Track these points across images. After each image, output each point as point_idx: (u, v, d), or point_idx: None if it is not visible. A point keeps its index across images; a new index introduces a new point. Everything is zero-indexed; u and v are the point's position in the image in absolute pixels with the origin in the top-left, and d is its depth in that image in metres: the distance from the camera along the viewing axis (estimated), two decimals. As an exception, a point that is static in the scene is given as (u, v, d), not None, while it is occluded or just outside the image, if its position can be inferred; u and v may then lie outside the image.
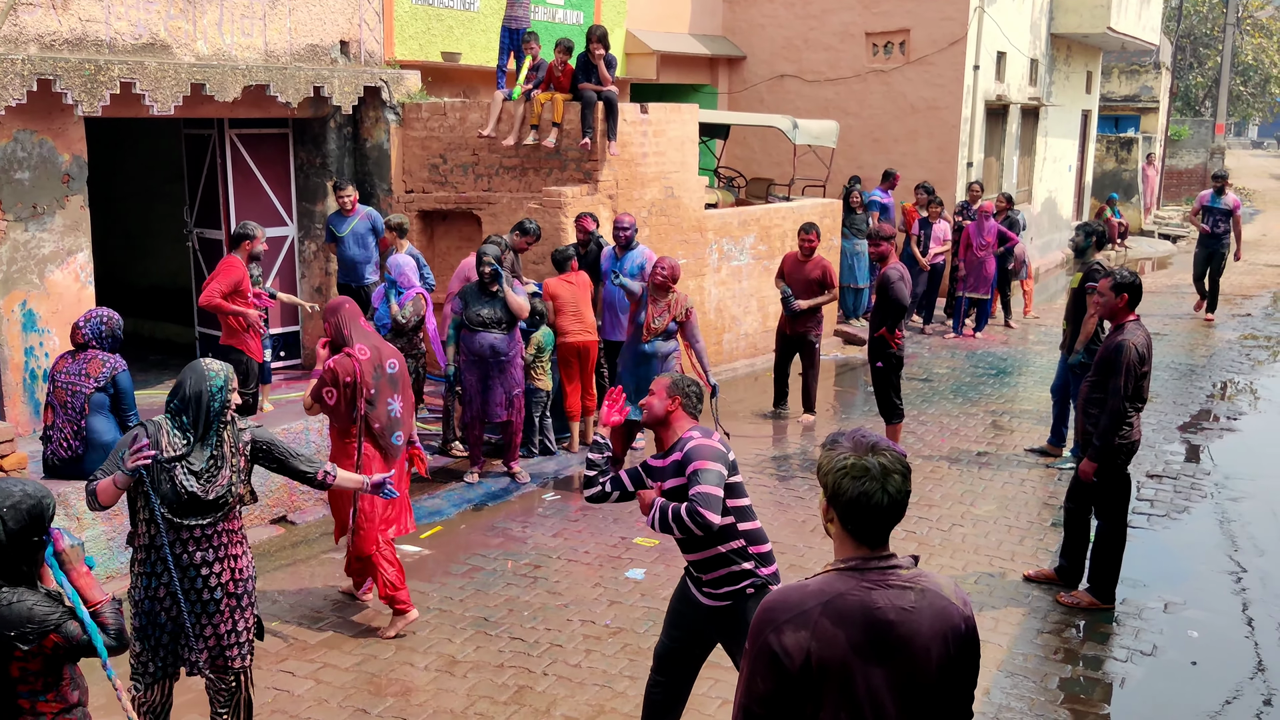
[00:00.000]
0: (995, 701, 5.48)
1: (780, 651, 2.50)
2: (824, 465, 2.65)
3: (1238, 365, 13.25)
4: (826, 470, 2.64)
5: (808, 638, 2.50)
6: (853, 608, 2.52)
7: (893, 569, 2.59)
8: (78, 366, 6.46)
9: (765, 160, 17.43)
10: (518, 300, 8.20)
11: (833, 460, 2.63)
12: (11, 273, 8.06)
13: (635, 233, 9.33)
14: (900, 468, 2.60)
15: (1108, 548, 6.53)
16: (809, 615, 2.52)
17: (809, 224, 10.16)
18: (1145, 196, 27.83)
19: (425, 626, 6.21)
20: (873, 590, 2.55)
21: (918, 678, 2.53)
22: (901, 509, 2.60)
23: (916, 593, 2.57)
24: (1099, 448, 6.31)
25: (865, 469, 2.56)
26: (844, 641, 2.50)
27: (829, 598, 2.54)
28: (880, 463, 2.58)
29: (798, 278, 10.11)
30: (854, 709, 2.51)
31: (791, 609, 2.54)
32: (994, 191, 17.37)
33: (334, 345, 6.08)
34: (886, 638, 2.52)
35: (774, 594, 2.63)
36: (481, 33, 12.48)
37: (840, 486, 2.59)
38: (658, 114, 11.01)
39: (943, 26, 16.47)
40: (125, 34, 8.63)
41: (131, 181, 12.88)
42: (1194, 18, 39.72)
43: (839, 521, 2.62)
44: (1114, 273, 6.48)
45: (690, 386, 4.63)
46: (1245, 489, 8.78)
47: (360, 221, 9.99)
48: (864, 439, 2.64)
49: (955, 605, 2.60)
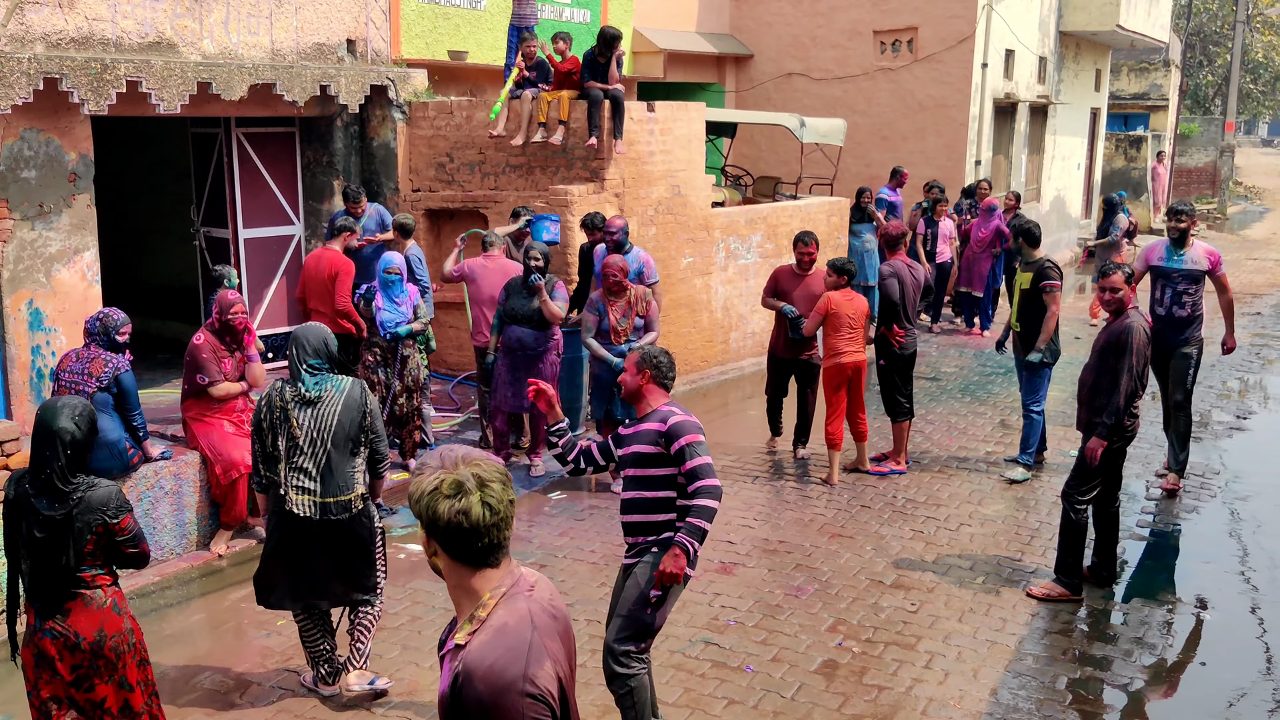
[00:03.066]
0: (1003, 701, 5.46)
1: (543, 695, 2.35)
2: (413, 494, 2.37)
3: (1247, 364, 13.18)
4: (417, 497, 2.35)
5: (553, 665, 2.39)
6: (542, 619, 2.43)
7: (520, 576, 2.48)
8: (81, 365, 6.46)
9: (773, 159, 17.39)
10: (553, 308, 8.20)
11: (421, 484, 2.35)
12: (18, 271, 8.07)
13: (626, 235, 8.92)
14: (498, 476, 2.36)
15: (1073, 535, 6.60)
16: (538, 646, 2.37)
17: (807, 234, 8.92)
18: (1155, 195, 27.72)
19: (430, 626, 6.20)
20: (532, 597, 2.45)
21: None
22: (508, 520, 2.36)
23: (540, 581, 2.53)
24: (1110, 425, 6.40)
25: (458, 484, 2.32)
26: (562, 654, 2.48)
27: (537, 622, 2.40)
28: (473, 473, 2.34)
29: (800, 294, 8.79)
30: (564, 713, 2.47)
31: (522, 654, 2.34)
32: (1002, 189, 17.30)
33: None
34: (566, 638, 2.54)
35: (484, 655, 2.34)
36: (488, 31, 12.46)
37: (435, 509, 2.33)
38: (665, 112, 10.98)
39: (951, 24, 16.42)
40: (131, 33, 8.63)
41: (138, 180, 12.89)
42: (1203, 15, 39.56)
43: (443, 553, 2.39)
44: (1123, 266, 6.58)
45: (659, 358, 4.75)
46: (1254, 488, 8.73)
47: (370, 219, 10.00)
48: (451, 453, 2.39)
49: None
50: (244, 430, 7.19)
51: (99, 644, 4.22)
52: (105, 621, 4.24)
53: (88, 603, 4.22)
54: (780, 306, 8.82)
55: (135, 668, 4.36)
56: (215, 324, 7.13)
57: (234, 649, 6.02)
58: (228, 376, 7.16)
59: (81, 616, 4.21)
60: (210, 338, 7.11)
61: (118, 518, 4.22)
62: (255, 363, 7.35)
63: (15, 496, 4.23)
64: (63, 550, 4.16)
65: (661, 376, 4.75)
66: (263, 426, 5.16)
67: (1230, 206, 32.33)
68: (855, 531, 7.64)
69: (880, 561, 7.12)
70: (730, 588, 6.72)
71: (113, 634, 4.25)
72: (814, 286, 8.76)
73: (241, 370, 7.27)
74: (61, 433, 4.15)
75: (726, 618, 6.31)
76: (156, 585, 6.77)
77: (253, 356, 7.34)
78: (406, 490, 8.29)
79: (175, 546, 7.11)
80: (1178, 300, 8.32)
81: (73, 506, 4.15)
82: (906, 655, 5.92)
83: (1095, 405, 6.50)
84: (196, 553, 7.19)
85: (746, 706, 5.38)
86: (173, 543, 7.09)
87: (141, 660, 4.41)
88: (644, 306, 8.15)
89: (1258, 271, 21.07)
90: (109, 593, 4.29)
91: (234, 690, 5.55)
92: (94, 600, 4.23)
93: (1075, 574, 6.62)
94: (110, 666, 4.26)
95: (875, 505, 8.16)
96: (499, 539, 2.39)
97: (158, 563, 7.00)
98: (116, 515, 4.22)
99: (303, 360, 5.11)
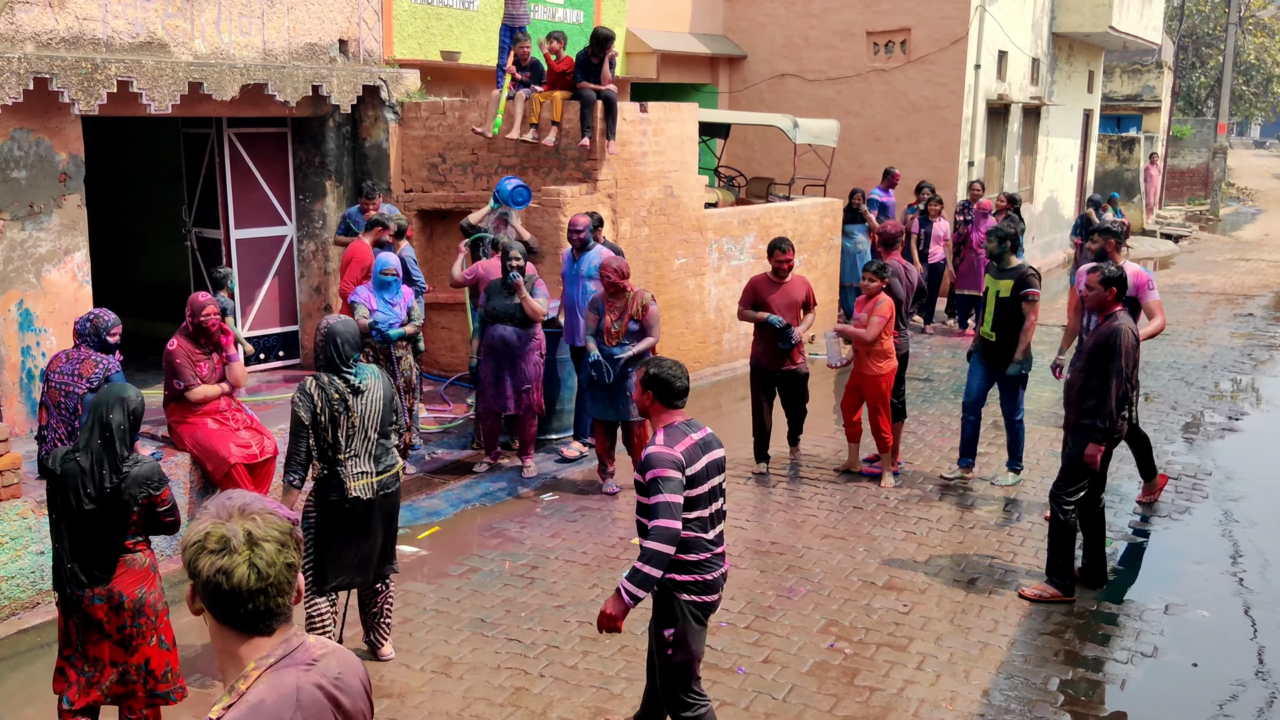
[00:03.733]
0: (995, 703, 5.45)
1: None
2: (182, 542, 2.15)
3: (1239, 365, 13.20)
4: (185, 545, 2.13)
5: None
6: (313, 698, 2.17)
7: (300, 645, 2.20)
8: (71, 367, 6.43)
9: (766, 159, 17.40)
10: (534, 304, 8.19)
11: (190, 534, 2.13)
12: (8, 272, 8.03)
13: (590, 234, 8.83)
14: (275, 536, 2.11)
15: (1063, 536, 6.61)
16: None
17: (782, 240, 8.44)
18: (1147, 196, 27.79)
19: (422, 628, 6.18)
20: (310, 671, 2.18)
21: None
22: (281, 586, 2.12)
23: (331, 654, 2.25)
24: (1104, 429, 6.39)
25: (225, 540, 2.08)
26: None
27: (303, 700, 2.14)
28: (246, 529, 2.09)
29: (780, 302, 8.38)
30: None
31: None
32: (995, 191, 17.32)
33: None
34: (342, 711, 2.24)
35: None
36: (480, 32, 12.45)
37: (197, 564, 2.10)
38: (657, 113, 10.98)
39: (944, 25, 16.44)
40: (122, 32, 8.60)
41: (129, 181, 12.85)
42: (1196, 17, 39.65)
43: (208, 610, 2.16)
44: (1102, 267, 6.58)
45: (662, 375, 4.52)
46: (1247, 489, 8.74)
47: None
48: (229, 502, 2.15)
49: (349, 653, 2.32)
50: (228, 426, 7.19)
51: (140, 601, 4.70)
52: (144, 580, 4.73)
53: (129, 564, 4.69)
54: (764, 318, 8.38)
55: (168, 624, 4.84)
56: (189, 327, 7.10)
57: (224, 651, 5.99)
58: (205, 379, 7.13)
59: (125, 578, 4.67)
60: (184, 342, 7.08)
61: (159, 489, 4.67)
62: (235, 363, 7.32)
63: (63, 471, 4.58)
64: (113, 520, 4.60)
65: (666, 395, 4.53)
66: (320, 422, 5.38)
67: (1223, 208, 32.41)
68: (847, 533, 7.64)
69: (872, 563, 7.12)
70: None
71: (151, 590, 4.75)
72: (794, 293, 8.40)
73: (221, 372, 7.24)
74: (128, 401, 4.67)
75: (718, 619, 6.29)
76: (147, 587, 6.74)
77: (232, 357, 7.31)
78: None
79: (166, 547, 7.07)
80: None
81: (121, 480, 4.56)
82: (898, 656, 5.91)
83: (1083, 407, 6.51)
84: (187, 554, 7.16)
85: (738, 708, 5.37)
86: (164, 543, 7.05)
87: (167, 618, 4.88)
88: (640, 311, 8.05)
89: (1250, 273, 21.12)
90: (147, 555, 4.78)
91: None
92: (135, 562, 4.71)
93: (1066, 575, 6.63)
94: (150, 625, 4.74)
95: (868, 506, 8.15)
96: (269, 606, 2.13)
97: (148, 564, 6.99)
98: (159, 488, 4.67)
99: (346, 353, 5.44)
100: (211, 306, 7.09)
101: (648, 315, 8.07)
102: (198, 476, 7.20)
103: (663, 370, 4.55)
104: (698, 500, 4.42)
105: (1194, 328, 15.37)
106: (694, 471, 4.39)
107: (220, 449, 7.07)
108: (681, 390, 4.56)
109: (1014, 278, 8.17)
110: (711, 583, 4.54)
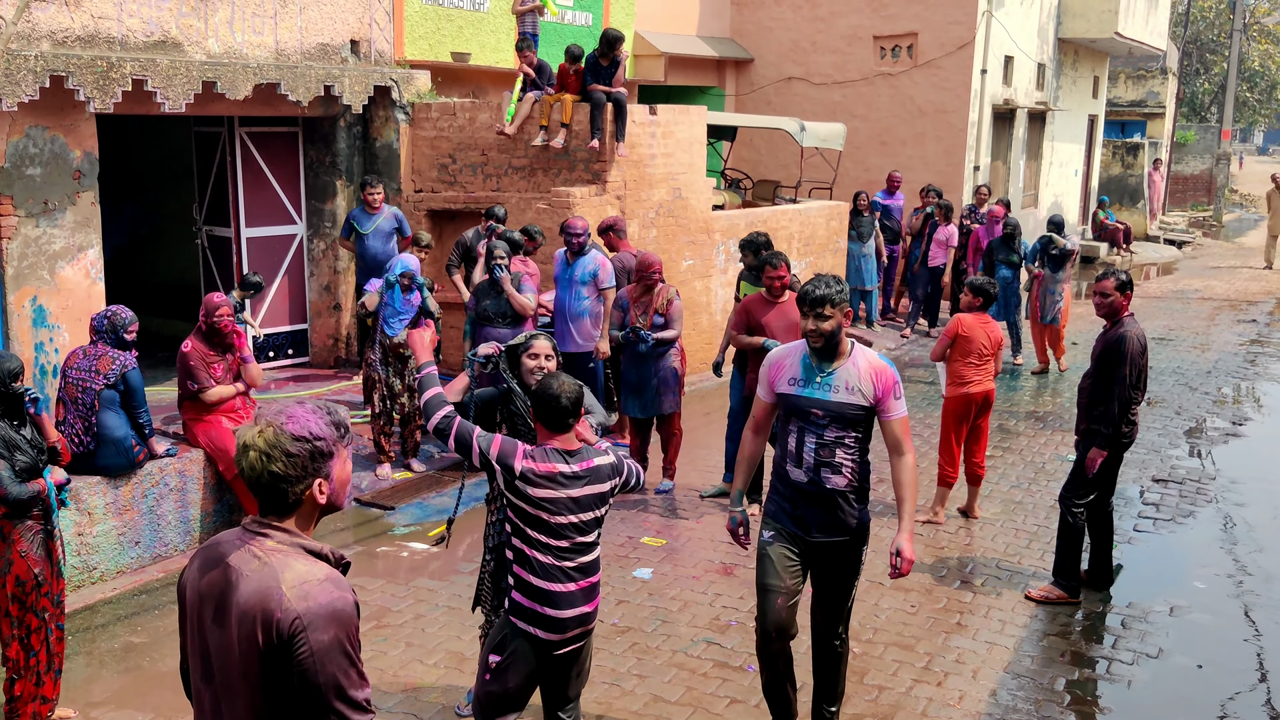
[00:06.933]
0: (1002, 702, 5.50)
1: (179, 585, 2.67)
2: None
3: (1242, 370, 13.25)
4: None
5: (184, 573, 2.64)
6: (213, 556, 2.57)
7: (260, 534, 2.54)
8: (88, 363, 6.48)
9: (772, 162, 17.45)
10: (520, 299, 8.23)
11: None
12: (22, 268, 8.09)
13: (588, 238, 8.71)
14: (262, 445, 2.50)
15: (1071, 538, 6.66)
16: (193, 556, 2.65)
17: (774, 255, 7.61)
18: (1151, 202, 27.83)
19: (434, 624, 6.24)
20: (238, 546, 2.54)
21: (232, 645, 2.47)
22: (262, 487, 2.52)
23: (260, 562, 2.49)
24: (1108, 435, 6.44)
25: (243, 443, 2.55)
26: (195, 580, 2.57)
27: (208, 544, 2.62)
28: (244, 440, 2.54)
29: (777, 324, 7.43)
30: (194, 659, 2.60)
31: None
32: (1001, 195, 17.36)
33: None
34: (219, 590, 2.51)
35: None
36: (491, 33, 12.51)
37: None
38: (666, 116, 11.03)
39: (950, 30, 16.49)
40: (137, 31, 8.66)
41: (142, 178, 12.92)
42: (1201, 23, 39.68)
43: None
44: (1116, 273, 6.62)
45: (547, 389, 4.07)
46: (1250, 493, 8.79)
47: (385, 220, 10.01)
48: (264, 410, 2.63)
49: (284, 597, 2.43)
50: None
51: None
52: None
53: None
54: (760, 342, 7.43)
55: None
56: (203, 327, 7.16)
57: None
58: (219, 380, 7.19)
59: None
60: (198, 344, 7.13)
61: None
62: (251, 363, 7.38)
63: None
64: None
65: (543, 415, 4.09)
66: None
67: (1226, 214, 32.44)
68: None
69: (880, 563, 7.16)
70: (731, 588, 6.76)
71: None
72: (791, 314, 7.19)
73: (236, 371, 7.30)
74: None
75: (728, 618, 6.35)
76: (160, 581, 6.80)
77: (247, 358, 7.36)
78: (408, 489, 8.33)
79: (179, 543, 7.14)
80: (824, 458, 4.57)
81: None
82: (906, 656, 5.96)
83: (1093, 413, 6.55)
84: (199, 550, 7.23)
85: (748, 705, 5.42)
86: (177, 539, 7.12)
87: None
88: (665, 305, 8.13)
89: (1253, 279, 21.16)
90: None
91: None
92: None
93: (1073, 577, 6.68)
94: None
95: (874, 508, 8.18)
96: (257, 493, 2.56)
97: (161, 559, 7.05)
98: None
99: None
100: (225, 308, 7.15)
101: (671, 309, 8.14)
102: (211, 473, 7.25)
103: (546, 388, 4.09)
104: (542, 524, 4.06)
105: (1197, 333, 15.41)
106: (539, 495, 4.02)
107: (232, 448, 7.12)
108: (561, 410, 4.05)
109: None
110: (556, 620, 4.10)
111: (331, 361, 11.11)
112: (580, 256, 8.74)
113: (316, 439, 2.53)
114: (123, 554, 6.81)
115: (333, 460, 2.58)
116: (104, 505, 6.65)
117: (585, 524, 4.11)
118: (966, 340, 7.73)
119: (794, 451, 4.67)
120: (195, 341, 7.14)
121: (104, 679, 5.70)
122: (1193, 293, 19.31)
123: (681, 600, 6.60)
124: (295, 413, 2.55)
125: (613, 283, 8.77)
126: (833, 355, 4.64)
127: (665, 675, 5.69)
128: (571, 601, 4.11)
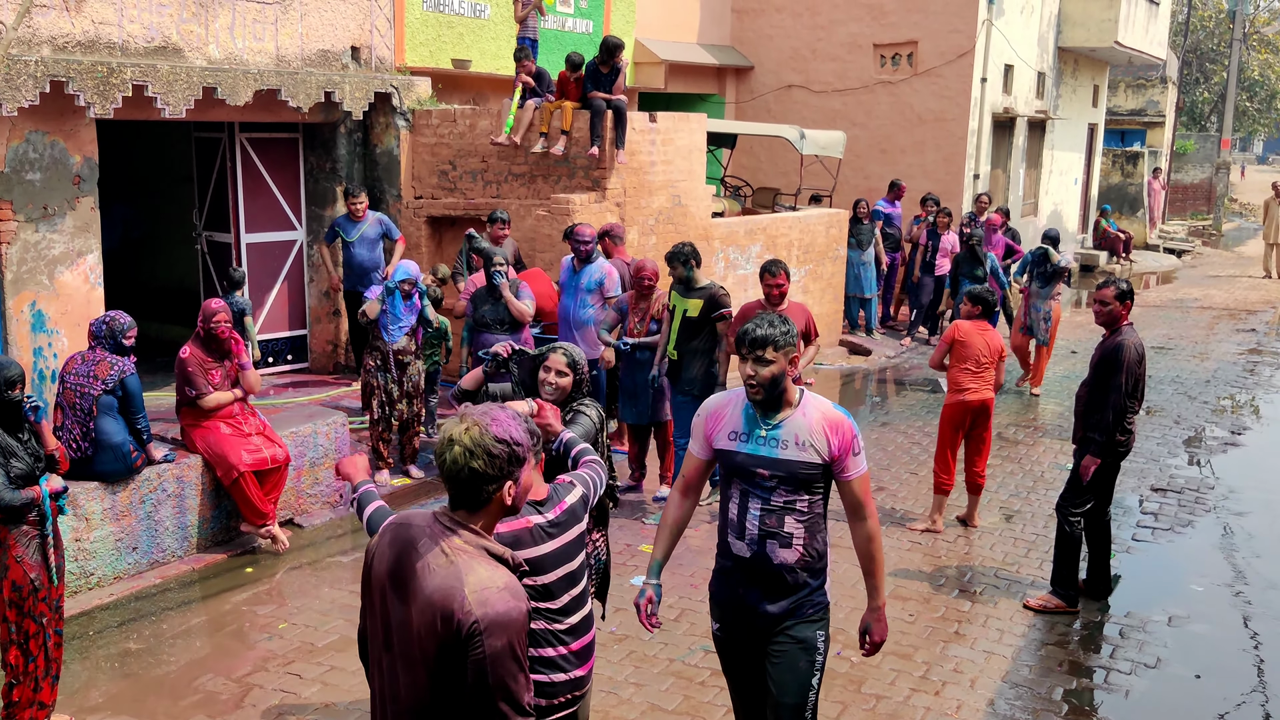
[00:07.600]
0: (1000, 712, 5.49)
1: (366, 555, 2.83)
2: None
3: (1241, 380, 13.25)
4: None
5: (373, 545, 2.82)
6: (404, 538, 2.71)
7: (451, 531, 2.68)
8: (86, 368, 6.48)
9: (772, 170, 17.47)
10: (518, 306, 8.24)
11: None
12: (21, 273, 8.10)
13: (595, 245, 8.70)
14: (468, 442, 2.64)
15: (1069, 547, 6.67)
16: (383, 531, 2.82)
17: (773, 263, 7.75)
18: (1151, 211, 27.86)
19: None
20: (428, 535, 2.68)
21: (412, 626, 2.62)
22: (460, 482, 2.66)
23: (447, 560, 2.63)
24: (1102, 443, 6.45)
25: (448, 437, 2.68)
26: (385, 556, 2.74)
27: (399, 523, 2.78)
28: (450, 435, 2.67)
29: None
30: (375, 627, 2.76)
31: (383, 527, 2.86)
32: (1000, 204, 17.38)
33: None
34: (406, 574, 2.66)
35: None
36: (491, 40, 12.53)
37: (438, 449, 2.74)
38: (666, 123, 11.04)
39: (951, 39, 16.52)
40: (138, 36, 8.67)
41: (142, 184, 12.92)
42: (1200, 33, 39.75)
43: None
44: (1117, 282, 6.62)
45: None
46: (1249, 503, 8.78)
47: (371, 227, 10.03)
48: (471, 410, 2.74)
49: (465, 599, 2.55)
50: (241, 431, 7.24)
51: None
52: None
53: None
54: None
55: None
56: (200, 333, 7.16)
57: (235, 652, 6.04)
58: (218, 386, 7.18)
59: None
60: (196, 350, 7.13)
61: None
62: (249, 370, 7.38)
63: None
64: None
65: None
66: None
67: (1225, 223, 32.48)
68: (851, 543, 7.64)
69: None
70: (729, 596, 6.75)
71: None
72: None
73: (234, 377, 7.30)
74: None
75: (725, 626, 6.33)
76: (157, 587, 6.79)
77: (245, 364, 7.36)
78: (407, 495, 8.32)
79: (177, 549, 7.13)
80: (770, 527, 3.98)
81: None
82: (904, 665, 5.95)
83: (1089, 421, 6.56)
84: (198, 555, 7.22)
85: (745, 714, 5.41)
86: (175, 545, 7.11)
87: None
88: (661, 311, 8.17)
89: (1252, 288, 21.18)
90: None
91: (234, 693, 5.57)
92: None
93: (1071, 586, 6.68)
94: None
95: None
96: (452, 488, 2.74)
97: (159, 565, 7.03)
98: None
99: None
100: (223, 314, 7.15)
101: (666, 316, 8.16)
102: (209, 479, 7.25)
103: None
104: (533, 591, 3.45)
105: (1196, 342, 15.42)
106: (529, 555, 3.46)
107: (230, 455, 7.12)
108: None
109: (703, 298, 7.80)
110: (549, 685, 3.57)
111: (331, 367, 11.11)
112: (587, 264, 8.77)
113: (516, 444, 2.69)
114: (120, 559, 6.80)
115: (523, 466, 2.73)
116: (102, 511, 6.64)
117: (575, 573, 3.63)
118: (963, 346, 7.76)
119: (735, 520, 3.92)
120: (193, 347, 7.14)
121: (101, 684, 5.69)
122: (1192, 301, 19.32)
123: (679, 608, 6.60)
124: (499, 416, 2.71)
125: (619, 291, 8.78)
126: (777, 406, 3.86)
127: (663, 684, 5.68)
128: (562, 666, 3.60)
